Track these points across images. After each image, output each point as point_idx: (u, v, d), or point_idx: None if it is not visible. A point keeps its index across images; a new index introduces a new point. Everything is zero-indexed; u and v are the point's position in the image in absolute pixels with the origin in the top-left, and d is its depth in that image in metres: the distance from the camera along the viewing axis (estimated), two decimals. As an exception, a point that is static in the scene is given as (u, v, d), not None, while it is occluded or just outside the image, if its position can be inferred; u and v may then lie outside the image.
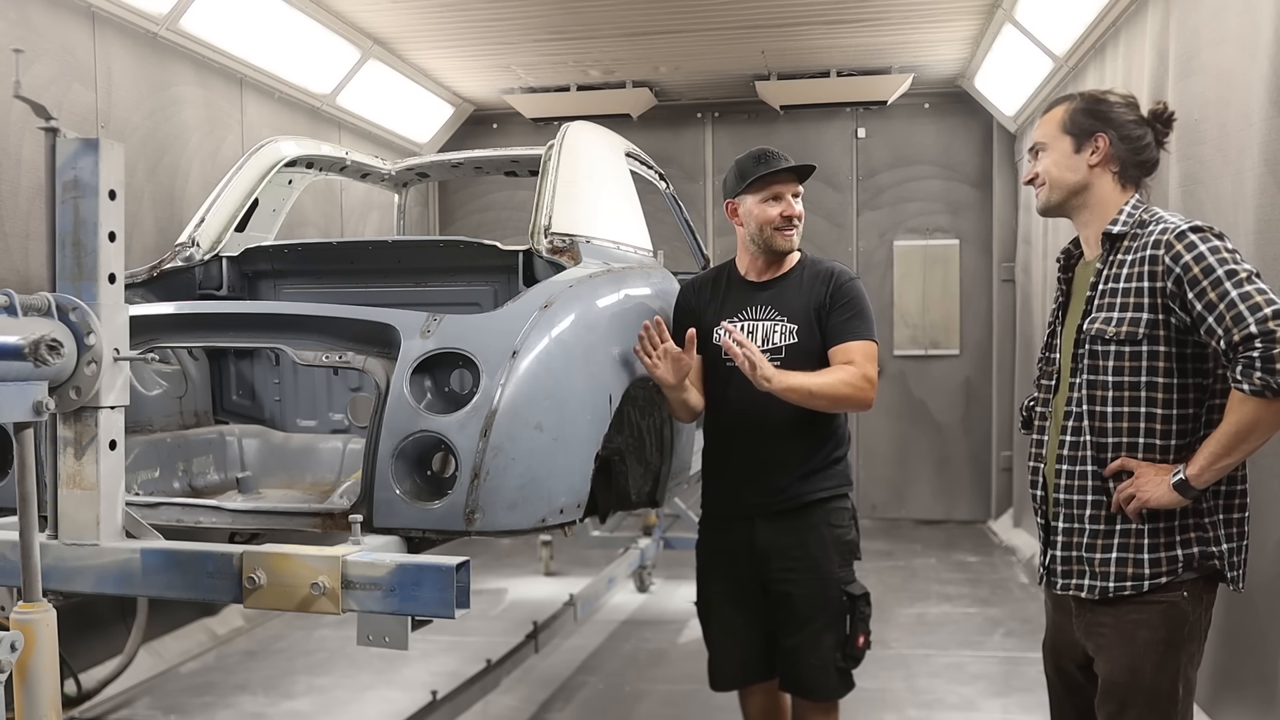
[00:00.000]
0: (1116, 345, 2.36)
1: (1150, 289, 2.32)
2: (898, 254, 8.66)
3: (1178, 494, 2.29)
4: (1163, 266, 2.30)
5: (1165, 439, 2.35)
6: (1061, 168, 2.49)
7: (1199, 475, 2.27)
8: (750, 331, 3.06)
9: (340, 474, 3.41)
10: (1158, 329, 2.32)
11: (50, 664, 1.90)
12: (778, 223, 3.06)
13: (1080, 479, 2.44)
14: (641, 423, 3.37)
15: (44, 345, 1.84)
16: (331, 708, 4.63)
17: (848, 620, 3.02)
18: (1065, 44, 6.20)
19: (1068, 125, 2.48)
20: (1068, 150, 2.48)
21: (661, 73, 7.89)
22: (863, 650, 3.05)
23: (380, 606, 2.16)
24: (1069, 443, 2.45)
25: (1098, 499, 2.42)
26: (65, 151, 2.20)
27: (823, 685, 3.06)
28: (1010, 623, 5.72)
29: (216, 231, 3.70)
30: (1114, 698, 2.39)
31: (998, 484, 8.42)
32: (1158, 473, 2.33)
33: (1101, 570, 2.40)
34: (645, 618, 6.01)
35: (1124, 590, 2.38)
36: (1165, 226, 2.34)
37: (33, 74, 4.48)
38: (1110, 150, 2.45)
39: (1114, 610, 2.40)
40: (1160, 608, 2.36)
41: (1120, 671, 2.38)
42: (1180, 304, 2.28)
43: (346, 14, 6.35)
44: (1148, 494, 2.32)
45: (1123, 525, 2.39)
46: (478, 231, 8.26)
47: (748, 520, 3.07)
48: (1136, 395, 2.36)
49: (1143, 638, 2.36)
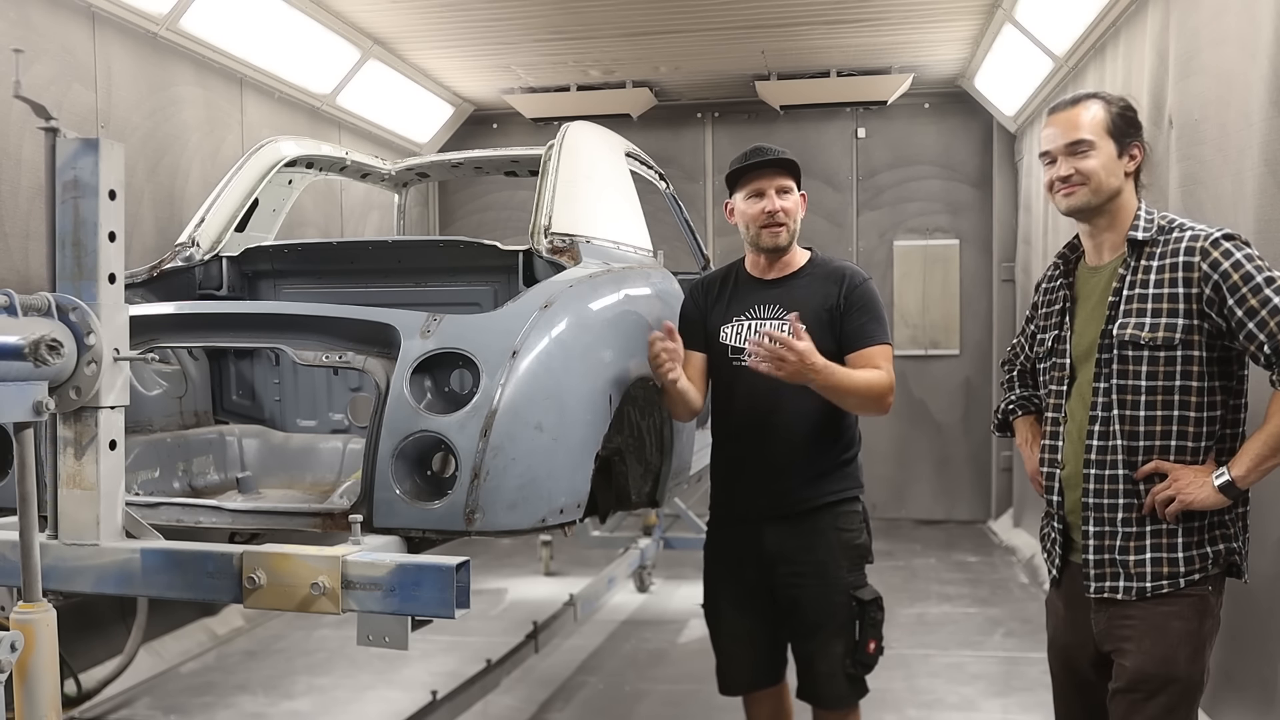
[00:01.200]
0: (1150, 350, 2.39)
1: (1186, 294, 2.36)
2: (898, 254, 8.66)
3: (1223, 495, 2.34)
4: (1199, 273, 2.34)
5: (1196, 440, 2.40)
6: (1109, 171, 2.47)
7: (1244, 477, 2.32)
8: (758, 330, 3.03)
9: (340, 474, 3.41)
10: (1192, 334, 2.36)
11: (50, 664, 1.90)
12: (762, 220, 3.00)
13: (1111, 483, 2.46)
14: (641, 423, 3.36)
15: (44, 345, 1.84)
16: (331, 708, 4.63)
17: (857, 626, 2.97)
18: (1065, 44, 6.20)
19: (1112, 129, 2.47)
20: (1113, 154, 2.47)
21: (661, 73, 7.89)
22: (874, 656, 3.00)
23: (380, 606, 2.16)
24: (1097, 447, 2.46)
25: (1129, 502, 2.44)
26: (65, 151, 2.20)
27: (834, 693, 3.04)
28: (1010, 623, 5.72)
29: (216, 231, 3.70)
30: (1143, 687, 2.40)
31: (998, 484, 8.42)
32: (1197, 474, 2.36)
33: (1137, 571, 2.43)
34: (645, 618, 6.01)
35: (1161, 589, 2.41)
36: (1196, 233, 2.38)
37: (33, 74, 4.48)
38: (1143, 160, 2.50)
39: (1143, 605, 2.42)
40: (1191, 600, 2.41)
41: (1154, 662, 2.39)
42: (1218, 310, 2.33)
43: (346, 14, 6.35)
44: (1190, 495, 2.35)
45: (1154, 526, 2.42)
46: (478, 231, 8.26)
47: (755, 524, 3.04)
48: (1170, 399, 2.39)
49: (1177, 629, 2.39)
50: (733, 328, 3.08)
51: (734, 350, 3.06)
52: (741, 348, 3.04)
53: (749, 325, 3.06)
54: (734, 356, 3.05)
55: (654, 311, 3.22)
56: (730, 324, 3.09)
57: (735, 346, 3.05)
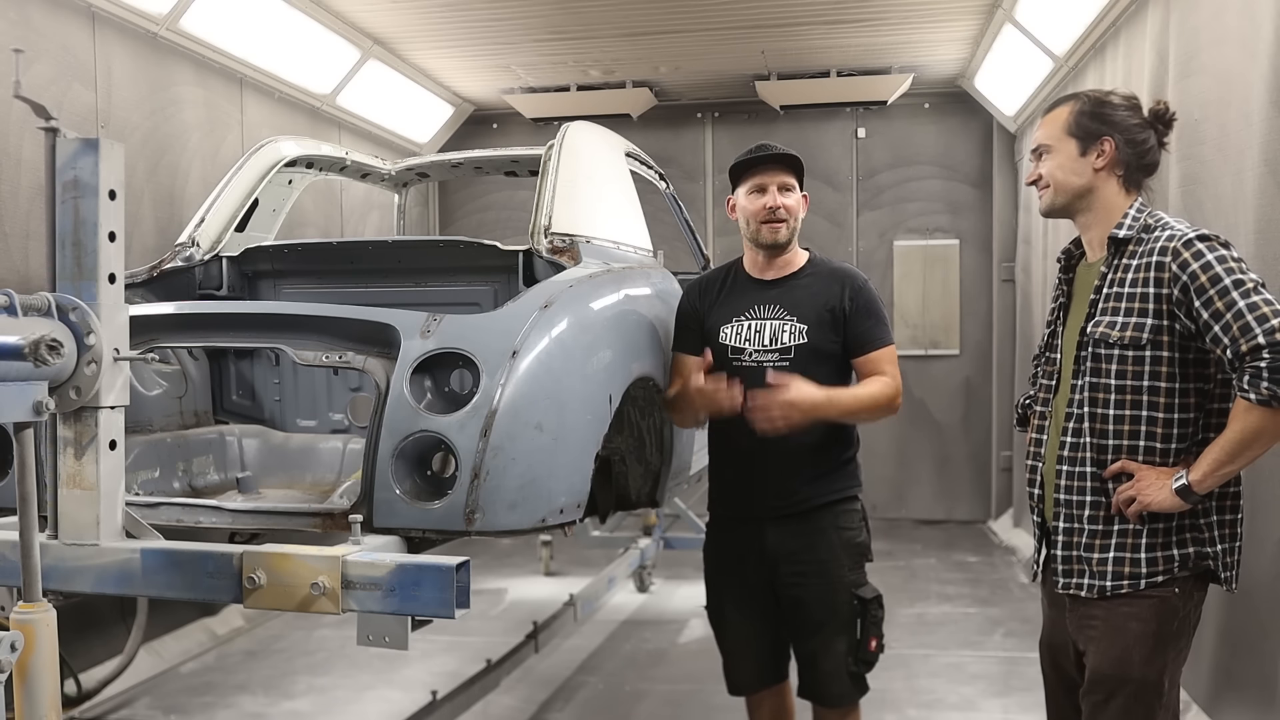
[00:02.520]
0: (1120, 349, 2.37)
1: (1156, 295, 2.34)
2: (898, 254, 8.66)
3: (1179, 499, 2.32)
4: (1169, 273, 2.31)
5: (1165, 442, 2.38)
6: (1066, 171, 2.48)
7: (1201, 481, 2.30)
8: (758, 330, 3.05)
9: (340, 474, 3.40)
10: (1162, 334, 2.34)
11: (50, 664, 1.90)
12: (763, 215, 3.02)
13: (1080, 480, 2.46)
14: (641, 423, 3.36)
15: (44, 345, 1.84)
16: (331, 708, 4.63)
17: (859, 624, 2.99)
18: (1065, 44, 6.20)
19: (1073, 128, 2.47)
20: (1073, 153, 2.47)
21: (661, 73, 7.89)
22: (875, 654, 3.02)
23: (380, 606, 2.16)
24: (1069, 444, 2.47)
25: (1096, 500, 2.44)
26: (65, 151, 2.20)
27: (837, 691, 3.05)
28: (1010, 623, 5.72)
29: (216, 231, 3.70)
30: (1101, 688, 2.41)
31: (998, 484, 8.42)
32: (1159, 476, 2.35)
33: (1099, 569, 2.43)
34: (645, 618, 6.01)
35: (1121, 589, 2.41)
36: (1172, 234, 2.35)
37: (33, 74, 4.48)
38: (1116, 154, 2.45)
39: (1106, 604, 2.42)
40: (1152, 602, 2.39)
41: (1109, 663, 2.40)
42: (1186, 311, 2.30)
43: (346, 14, 6.35)
44: (1149, 497, 2.34)
45: (1120, 525, 2.41)
46: (478, 231, 8.26)
47: (757, 523, 3.05)
48: (1139, 399, 2.37)
49: (1133, 630, 2.39)
50: (732, 328, 3.08)
51: (734, 350, 3.06)
52: (742, 348, 3.05)
53: (749, 325, 3.06)
54: (734, 357, 3.05)
55: (654, 311, 3.23)
56: (730, 324, 3.09)
57: (735, 346, 3.06)
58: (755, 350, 3.06)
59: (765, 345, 3.04)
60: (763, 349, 3.05)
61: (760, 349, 3.05)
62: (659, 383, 3.15)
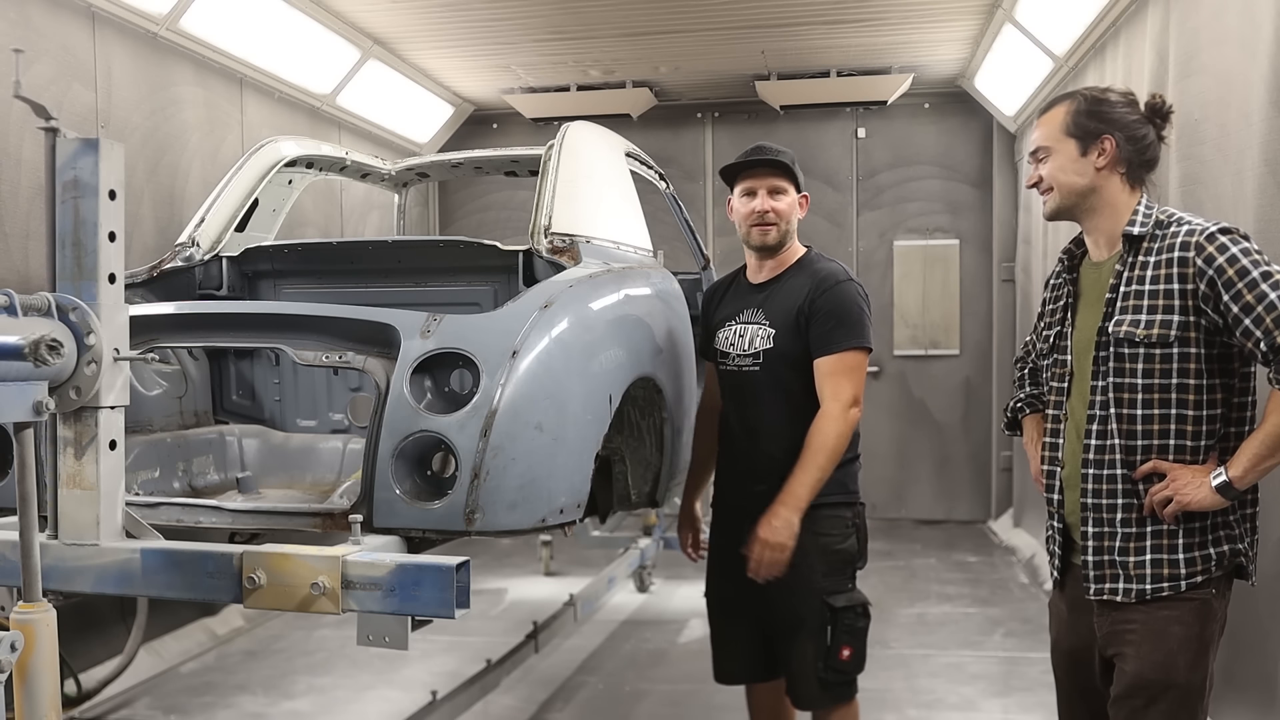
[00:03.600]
0: (1146, 348, 2.35)
1: (1181, 291, 2.31)
2: (898, 254, 8.66)
3: (1220, 496, 2.29)
4: (1194, 268, 2.29)
5: (1195, 440, 2.35)
6: (1068, 172, 2.45)
7: (1242, 477, 2.27)
8: (741, 334, 3.08)
9: (340, 474, 3.41)
10: (1188, 330, 2.32)
11: (50, 664, 1.90)
12: (752, 219, 3.04)
13: (1109, 483, 2.42)
14: (641, 423, 3.37)
15: (44, 345, 1.84)
16: (331, 708, 4.62)
17: (829, 632, 2.95)
18: (1065, 44, 6.20)
19: (1071, 128, 2.44)
20: (1073, 154, 2.44)
21: (661, 73, 7.89)
22: (850, 663, 2.97)
23: (380, 606, 2.16)
24: (1095, 446, 2.43)
25: (1128, 502, 2.40)
26: (65, 151, 2.20)
27: (805, 694, 3.04)
28: (1010, 623, 5.72)
29: (216, 231, 3.70)
30: (1142, 693, 2.36)
31: (998, 484, 8.42)
32: (1195, 474, 2.32)
33: (1137, 573, 2.39)
34: (645, 618, 6.01)
35: (1161, 592, 2.37)
36: (1192, 228, 2.33)
37: (33, 74, 4.48)
38: (1117, 152, 2.42)
39: (1145, 608, 2.38)
40: (1194, 604, 2.36)
41: (1151, 667, 2.36)
42: (1214, 306, 2.28)
43: (346, 14, 6.35)
44: (1188, 496, 2.31)
45: (1154, 527, 2.38)
46: (478, 231, 8.26)
47: (741, 521, 3.05)
48: (1167, 398, 2.35)
49: (1175, 634, 2.35)
50: (724, 332, 3.14)
51: (722, 355, 3.13)
52: (727, 352, 3.10)
53: (735, 329, 3.10)
54: (722, 362, 3.13)
55: (654, 311, 3.23)
56: (724, 328, 3.14)
57: (723, 351, 3.12)
58: (738, 355, 3.08)
59: (744, 350, 3.05)
60: (743, 354, 3.06)
61: (741, 354, 3.07)
62: (659, 382, 3.16)
